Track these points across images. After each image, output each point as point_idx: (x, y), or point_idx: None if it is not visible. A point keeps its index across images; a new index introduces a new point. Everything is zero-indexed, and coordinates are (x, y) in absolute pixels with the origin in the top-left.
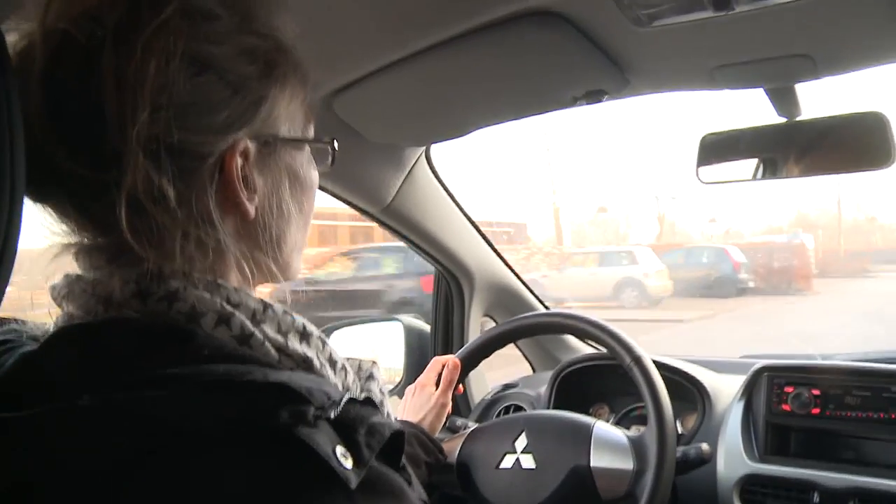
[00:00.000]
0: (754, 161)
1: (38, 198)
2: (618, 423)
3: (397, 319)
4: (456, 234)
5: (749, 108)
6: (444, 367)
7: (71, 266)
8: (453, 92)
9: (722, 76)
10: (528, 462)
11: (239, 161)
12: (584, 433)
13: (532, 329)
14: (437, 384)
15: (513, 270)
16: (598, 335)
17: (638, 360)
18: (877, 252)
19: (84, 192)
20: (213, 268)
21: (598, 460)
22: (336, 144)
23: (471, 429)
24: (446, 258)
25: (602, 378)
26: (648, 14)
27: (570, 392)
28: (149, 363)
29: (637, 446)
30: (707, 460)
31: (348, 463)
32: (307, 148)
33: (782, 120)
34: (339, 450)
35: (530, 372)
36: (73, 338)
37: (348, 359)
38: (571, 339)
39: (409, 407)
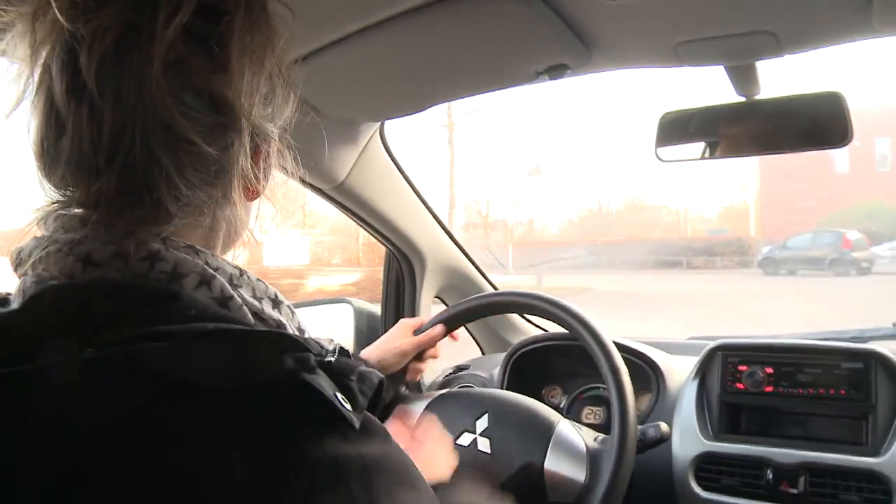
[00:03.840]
0: (712, 139)
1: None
2: (570, 405)
3: (346, 301)
4: (408, 215)
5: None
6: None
7: None
8: (413, 65)
9: (686, 52)
10: (483, 445)
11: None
12: (546, 431)
13: (501, 307)
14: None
15: (465, 252)
16: (576, 329)
17: (616, 372)
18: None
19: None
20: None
21: (553, 463)
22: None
23: (438, 393)
24: (398, 238)
25: (554, 359)
26: None
27: (523, 373)
28: (138, 321)
29: (593, 459)
30: (666, 439)
31: (348, 406)
32: None
33: (741, 99)
34: (339, 396)
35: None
36: (58, 297)
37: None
38: (517, 320)
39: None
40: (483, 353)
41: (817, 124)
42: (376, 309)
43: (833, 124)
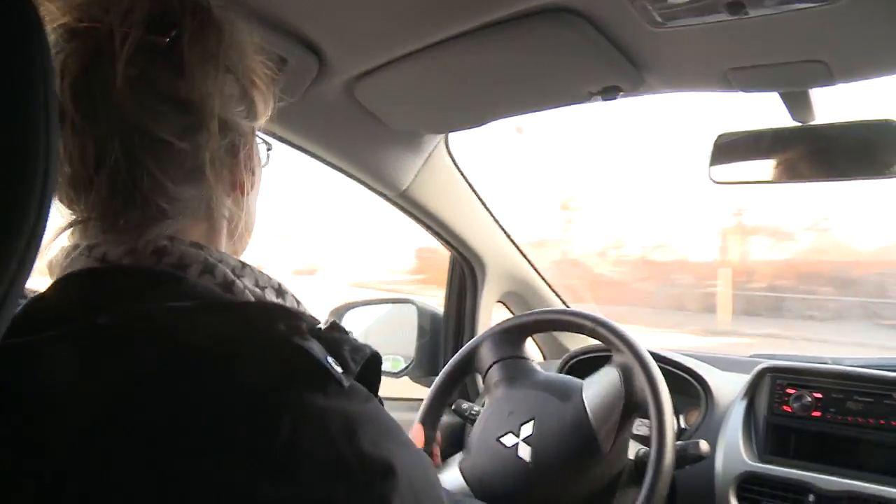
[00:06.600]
0: (767, 163)
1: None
2: None
3: (411, 302)
4: (471, 221)
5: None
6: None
7: None
8: (472, 83)
9: (736, 78)
10: (524, 453)
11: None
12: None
13: (537, 326)
14: None
15: (529, 261)
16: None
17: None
18: None
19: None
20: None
21: None
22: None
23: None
24: (460, 244)
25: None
26: (662, 14)
27: None
28: (147, 298)
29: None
30: (704, 457)
31: (339, 368)
32: None
33: (796, 124)
34: (330, 359)
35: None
36: (73, 281)
37: None
38: None
39: None
40: (545, 359)
41: (873, 153)
42: (439, 310)
43: (890, 153)
